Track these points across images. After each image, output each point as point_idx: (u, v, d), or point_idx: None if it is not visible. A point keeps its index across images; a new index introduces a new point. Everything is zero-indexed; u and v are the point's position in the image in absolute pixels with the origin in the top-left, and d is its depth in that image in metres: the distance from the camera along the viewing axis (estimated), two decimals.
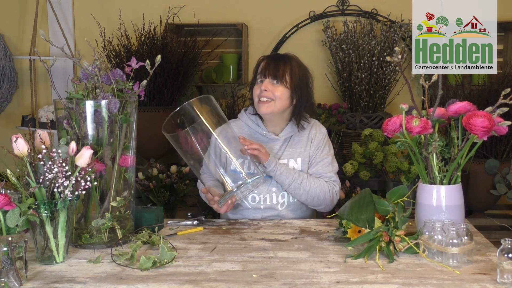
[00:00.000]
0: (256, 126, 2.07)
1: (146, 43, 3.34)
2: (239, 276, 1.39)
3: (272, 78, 1.97)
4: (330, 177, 2.05)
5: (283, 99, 1.98)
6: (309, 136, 2.07)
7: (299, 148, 2.06)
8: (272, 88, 1.97)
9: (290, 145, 2.05)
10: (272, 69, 1.98)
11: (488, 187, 2.99)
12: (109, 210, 1.65)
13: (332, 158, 2.09)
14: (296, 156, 2.04)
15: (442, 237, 1.47)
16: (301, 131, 2.07)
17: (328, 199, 2.01)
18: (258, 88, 1.99)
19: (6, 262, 1.30)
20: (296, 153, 2.05)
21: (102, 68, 1.66)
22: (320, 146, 2.07)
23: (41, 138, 1.50)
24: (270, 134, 2.05)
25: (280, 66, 1.98)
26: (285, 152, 2.04)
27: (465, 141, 1.56)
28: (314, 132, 2.08)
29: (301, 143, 2.06)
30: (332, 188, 2.02)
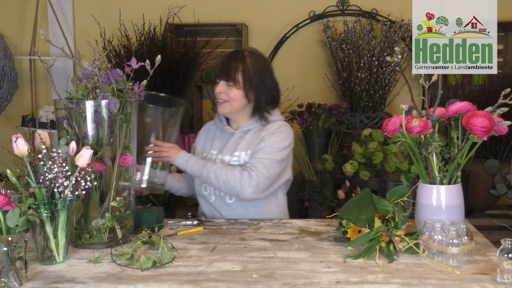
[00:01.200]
0: (219, 122, 2.18)
1: (146, 43, 3.34)
2: (239, 276, 1.39)
3: (225, 81, 2.04)
4: (253, 163, 1.98)
5: (237, 99, 2.05)
6: (263, 130, 2.08)
7: (250, 140, 2.07)
8: (226, 90, 2.05)
9: (244, 139, 2.08)
10: (225, 71, 2.04)
11: (488, 187, 2.99)
12: (109, 210, 1.65)
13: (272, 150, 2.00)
14: (246, 148, 2.06)
15: (442, 237, 1.47)
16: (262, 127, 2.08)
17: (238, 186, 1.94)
18: (217, 88, 2.07)
19: (6, 262, 1.30)
20: (245, 145, 2.07)
21: (102, 68, 1.66)
22: (267, 136, 2.04)
23: (41, 138, 1.50)
24: (227, 128, 2.14)
25: (232, 68, 2.03)
26: (239, 145, 2.07)
27: (465, 141, 1.56)
28: (271, 125, 2.08)
29: (253, 135, 2.08)
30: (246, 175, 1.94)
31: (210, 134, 2.21)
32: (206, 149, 2.17)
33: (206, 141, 2.20)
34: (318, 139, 3.43)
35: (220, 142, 2.14)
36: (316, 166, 3.40)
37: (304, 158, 3.38)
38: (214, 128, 2.22)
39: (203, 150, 2.17)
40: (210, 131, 2.22)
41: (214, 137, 2.18)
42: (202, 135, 2.24)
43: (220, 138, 2.16)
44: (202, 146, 2.19)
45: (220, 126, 2.17)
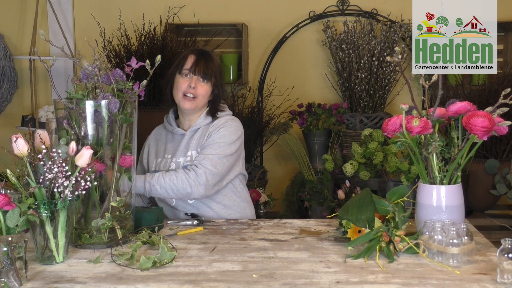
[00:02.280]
0: (169, 125, 2.17)
1: (146, 43, 3.34)
2: (239, 276, 1.39)
3: (200, 76, 2.04)
4: (200, 161, 1.96)
5: (205, 96, 2.07)
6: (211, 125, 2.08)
7: (200, 138, 2.07)
8: (198, 86, 2.04)
9: (194, 137, 2.08)
10: (202, 67, 2.04)
11: (488, 187, 2.99)
12: (109, 210, 1.65)
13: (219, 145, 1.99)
14: (197, 146, 2.06)
15: (442, 237, 1.47)
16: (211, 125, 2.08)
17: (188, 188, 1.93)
18: (185, 83, 2.04)
19: (6, 262, 1.30)
20: (196, 144, 2.07)
21: (102, 68, 1.66)
22: (214, 131, 2.04)
23: (41, 138, 1.50)
24: (178, 130, 2.13)
25: (209, 65, 2.06)
26: (191, 144, 2.08)
27: (465, 141, 1.56)
28: (218, 120, 2.09)
29: (203, 132, 2.08)
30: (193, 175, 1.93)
31: (161, 139, 2.19)
32: (160, 154, 2.15)
33: (158, 145, 2.18)
34: (318, 139, 3.43)
35: (172, 145, 2.13)
36: (316, 166, 3.40)
37: (304, 158, 3.38)
38: (165, 132, 2.20)
39: (157, 156, 2.15)
40: (161, 135, 2.20)
41: (166, 141, 2.17)
42: (152, 140, 2.21)
43: (172, 141, 2.14)
44: (155, 151, 2.17)
45: (170, 129, 2.15)
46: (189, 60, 2.06)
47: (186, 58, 2.08)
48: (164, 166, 2.10)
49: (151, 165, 2.15)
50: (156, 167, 2.13)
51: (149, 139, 2.24)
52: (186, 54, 2.10)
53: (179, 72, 2.07)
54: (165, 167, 2.09)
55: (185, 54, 2.10)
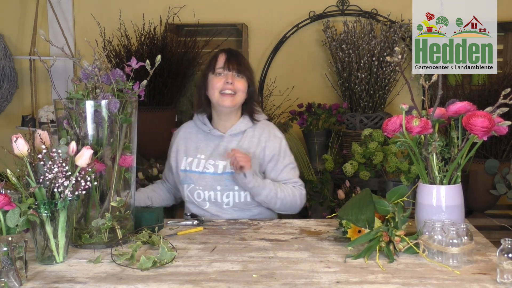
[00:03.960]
0: (203, 125, 2.11)
1: (146, 43, 3.34)
2: (239, 276, 1.39)
3: (235, 72, 2.02)
4: (296, 182, 2.09)
5: (244, 91, 2.04)
6: (260, 140, 2.06)
7: (248, 148, 2.05)
8: (235, 81, 2.01)
9: (239, 146, 2.05)
10: (234, 63, 2.02)
11: (488, 187, 2.99)
12: (109, 210, 1.65)
13: (294, 164, 2.12)
14: None
15: (442, 237, 1.47)
16: (253, 130, 2.08)
17: (298, 204, 2.07)
18: (220, 81, 2.01)
19: (6, 262, 1.30)
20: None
21: (102, 68, 1.66)
22: (280, 153, 2.07)
23: (41, 138, 1.50)
24: (214, 131, 2.08)
25: (241, 61, 2.06)
26: None
27: (465, 141, 1.56)
28: (267, 137, 2.07)
29: (251, 144, 2.06)
30: (300, 193, 2.08)
31: (192, 137, 2.12)
32: (190, 153, 2.08)
33: (188, 144, 2.11)
34: (318, 139, 3.43)
35: (207, 146, 2.07)
36: (316, 166, 3.40)
37: (304, 158, 3.38)
38: (196, 130, 2.13)
39: (187, 154, 2.09)
40: (191, 133, 2.13)
41: (197, 140, 2.10)
42: (182, 137, 2.14)
43: (205, 141, 2.08)
44: (185, 149, 2.10)
45: (205, 129, 2.08)
46: (220, 58, 2.04)
47: (217, 58, 2.06)
48: (197, 166, 2.05)
49: (180, 164, 2.09)
50: (186, 166, 2.07)
51: (177, 136, 2.17)
52: (216, 55, 2.08)
53: (212, 72, 2.04)
54: (198, 168, 2.04)
55: (215, 55, 2.09)
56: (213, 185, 2.02)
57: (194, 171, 2.05)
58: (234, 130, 2.06)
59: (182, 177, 2.07)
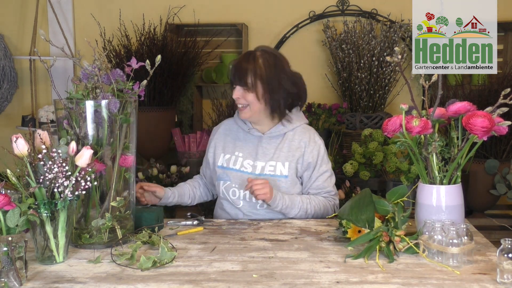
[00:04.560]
0: (242, 123, 2.10)
1: (146, 43, 3.34)
2: (239, 276, 1.39)
3: (241, 85, 1.98)
4: (329, 192, 2.07)
5: (256, 102, 1.98)
6: (300, 143, 2.05)
7: (287, 151, 2.03)
8: (243, 95, 1.98)
9: (279, 148, 2.03)
10: (238, 76, 1.97)
11: (488, 187, 2.99)
12: (109, 210, 1.65)
13: (331, 172, 2.10)
14: (283, 160, 2.02)
15: (442, 237, 1.47)
16: (293, 134, 2.05)
17: (330, 213, 2.03)
18: (234, 94, 2.00)
19: (6, 262, 1.30)
20: (283, 156, 2.03)
21: (102, 68, 1.66)
22: (317, 161, 2.06)
23: (41, 138, 1.50)
24: (253, 131, 2.07)
25: (244, 71, 1.96)
26: (275, 154, 2.03)
27: (465, 141, 1.56)
28: (307, 141, 2.05)
29: (290, 148, 2.04)
30: (333, 204, 2.07)
31: (231, 134, 2.11)
32: (229, 150, 2.08)
33: (227, 141, 2.11)
34: None
35: (245, 145, 2.07)
36: None
37: None
38: (236, 127, 2.12)
39: (224, 151, 2.09)
40: (231, 131, 2.12)
41: (236, 138, 2.10)
42: (221, 134, 2.13)
43: (244, 140, 2.08)
44: (223, 146, 2.10)
45: (245, 128, 2.08)
46: (231, 70, 2.02)
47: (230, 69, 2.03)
48: (235, 164, 2.04)
49: (217, 160, 2.09)
50: (224, 163, 2.06)
51: (217, 132, 2.15)
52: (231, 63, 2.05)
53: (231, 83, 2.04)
54: (235, 165, 2.04)
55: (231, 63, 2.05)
56: None
57: (231, 169, 2.04)
58: (273, 132, 2.05)
59: (219, 173, 2.06)
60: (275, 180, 1.99)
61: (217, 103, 3.47)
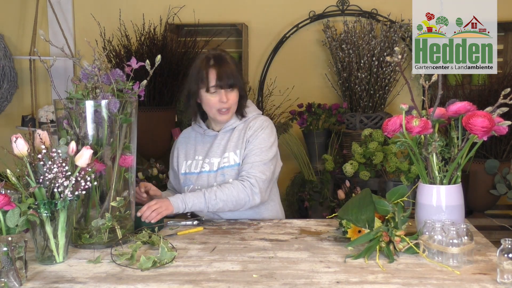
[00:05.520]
0: (199, 128, 2.13)
1: (146, 43, 3.34)
2: (239, 276, 1.39)
3: (227, 88, 1.99)
4: (248, 170, 1.96)
5: (236, 102, 2.04)
6: (247, 130, 2.06)
7: (237, 140, 2.06)
8: (228, 97, 2.00)
9: (231, 139, 2.06)
10: (226, 79, 1.98)
11: (488, 187, 2.99)
12: (109, 210, 1.65)
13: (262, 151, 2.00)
14: (234, 148, 2.04)
15: (442, 237, 1.47)
16: (245, 124, 2.08)
17: (243, 199, 1.93)
18: (216, 100, 1.99)
19: (6, 262, 1.30)
20: (233, 146, 2.04)
21: (102, 68, 1.66)
22: (253, 136, 2.03)
23: (41, 138, 1.50)
24: (208, 131, 2.10)
25: (230, 72, 2.00)
26: (226, 146, 2.05)
27: (465, 141, 1.56)
28: (253, 124, 2.07)
29: (239, 135, 2.06)
30: (249, 185, 1.94)
31: (190, 141, 2.15)
32: (190, 156, 2.11)
33: (188, 148, 2.14)
34: (318, 139, 3.43)
35: (203, 147, 2.10)
36: (316, 166, 3.40)
37: (304, 158, 3.38)
38: (194, 133, 2.16)
39: (187, 158, 2.11)
40: (190, 138, 2.16)
41: (195, 142, 2.13)
42: (181, 143, 2.17)
43: (202, 142, 2.11)
44: (185, 154, 2.13)
45: (200, 131, 2.12)
46: (211, 75, 1.99)
47: (207, 75, 1.99)
48: (196, 167, 2.07)
49: (181, 168, 2.11)
50: (186, 169, 2.09)
51: (177, 142, 2.19)
52: (205, 70, 2.00)
53: (206, 90, 2.00)
54: (196, 169, 2.06)
55: (205, 69, 2.00)
56: (210, 182, 2.02)
57: (192, 173, 2.07)
58: (227, 127, 2.08)
59: (183, 180, 2.09)
60: (231, 170, 2.00)
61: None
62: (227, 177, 2.00)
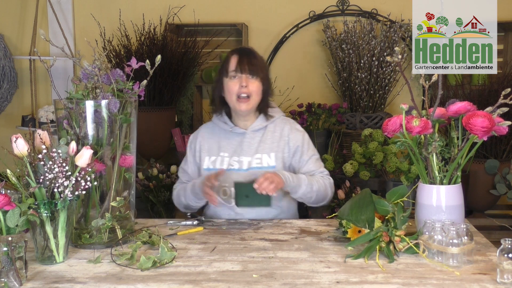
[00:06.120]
0: (224, 124, 2.11)
1: (146, 43, 3.34)
2: (239, 276, 1.39)
3: (248, 73, 2.00)
4: (323, 172, 2.11)
5: (258, 93, 2.03)
6: (282, 132, 2.09)
7: (271, 143, 2.07)
8: (249, 83, 2.00)
9: (263, 140, 2.07)
10: (247, 64, 2.00)
11: (488, 187, 2.99)
12: (109, 210, 1.65)
13: (318, 155, 2.15)
14: (268, 151, 2.05)
15: (442, 237, 1.47)
16: (274, 125, 2.10)
17: (330, 193, 2.09)
18: (236, 84, 2.01)
19: (6, 262, 1.30)
20: (268, 148, 2.05)
21: (102, 68, 1.66)
22: (303, 145, 2.09)
23: (41, 138, 1.50)
24: (236, 128, 2.09)
25: (254, 61, 2.03)
26: (259, 147, 2.05)
27: (465, 141, 1.56)
28: (289, 129, 2.10)
29: (273, 139, 2.08)
30: (329, 182, 2.10)
31: (214, 137, 2.12)
32: (213, 151, 2.09)
33: (211, 143, 2.11)
34: (318, 139, 3.43)
35: (229, 144, 2.08)
36: None
37: None
38: (217, 129, 2.13)
39: (210, 153, 2.09)
40: (213, 133, 2.13)
41: (219, 139, 2.10)
42: (204, 138, 2.13)
43: (227, 139, 2.09)
44: (207, 149, 2.10)
45: (226, 128, 2.09)
46: (232, 61, 2.02)
47: (229, 60, 2.03)
48: (221, 164, 2.05)
49: (203, 164, 2.09)
50: (209, 165, 2.07)
51: (198, 135, 2.16)
52: (228, 56, 2.06)
53: (226, 75, 2.03)
54: (222, 166, 2.04)
55: (227, 56, 2.06)
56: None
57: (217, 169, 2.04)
58: (255, 126, 2.08)
59: None
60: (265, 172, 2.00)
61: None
62: None
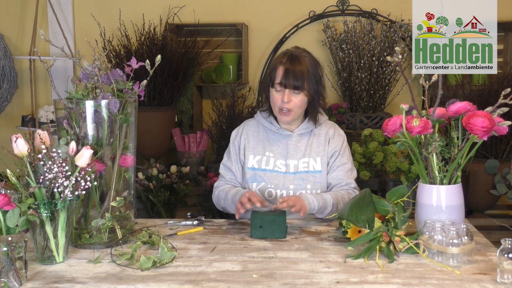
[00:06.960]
0: (269, 124, 2.08)
1: (146, 43, 3.34)
2: (239, 276, 1.39)
3: (292, 89, 1.96)
4: (349, 184, 2.04)
5: (301, 106, 2.00)
6: (326, 135, 2.07)
7: (317, 147, 2.05)
8: (292, 98, 1.97)
9: (309, 144, 2.05)
10: (292, 79, 1.94)
11: (488, 187, 2.99)
12: (109, 210, 1.65)
13: (351, 165, 2.09)
14: (315, 155, 2.03)
15: (442, 237, 1.47)
16: (319, 129, 2.08)
17: None
18: (279, 98, 1.97)
19: (6, 262, 1.30)
20: (314, 152, 2.04)
21: (102, 68, 1.66)
22: (340, 150, 2.06)
23: (41, 138, 1.50)
24: (282, 130, 2.06)
25: (299, 75, 1.95)
26: (306, 150, 2.04)
27: (465, 141, 1.56)
28: (332, 132, 2.08)
29: (319, 142, 2.06)
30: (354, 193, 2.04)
31: (259, 136, 2.09)
32: (258, 151, 2.06)
33: (255, 142, 2.08)
34: None
35: (274, 144, 2.06)
36: None
37: None
38: (262, 128, 2.11)
39: (254, 152, 2.06)
40: (258, 132, 2.10)
41: (265, 138, 2.08)
42: (249, 135, 2.10)
43: (271, 140, 2.07)
44: (252, 147, 2.07)
45: (273, 129, 2.07)
46: (278, 72, 1.97)
47: (276, 69, 1.98)
48: (267, 164, 2.03)
49: (247, 162, 2.06)
50: (254, 164, 2.04)
51: (242, 133, 2.12)
52: (276, 63, 1.99)
53: (272, 85, 2.00)
54: (268, 166, 2.02)
55: (276, 62, 2.01)
56: (286, 184, 2.00)
57: (264, 169, 2.03)
58: (301, 129, 2.06)
59: (251, 175, 2.03)
60: (311, 176, 2.00)
61: (217, 103, 3.47)
62: (305, 182, 1.99)
